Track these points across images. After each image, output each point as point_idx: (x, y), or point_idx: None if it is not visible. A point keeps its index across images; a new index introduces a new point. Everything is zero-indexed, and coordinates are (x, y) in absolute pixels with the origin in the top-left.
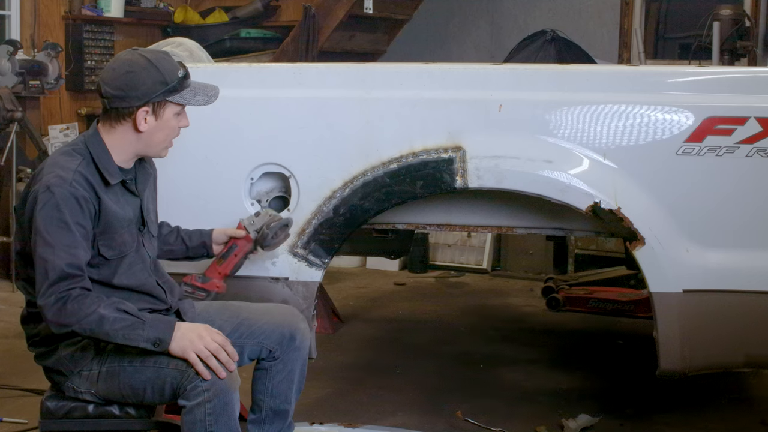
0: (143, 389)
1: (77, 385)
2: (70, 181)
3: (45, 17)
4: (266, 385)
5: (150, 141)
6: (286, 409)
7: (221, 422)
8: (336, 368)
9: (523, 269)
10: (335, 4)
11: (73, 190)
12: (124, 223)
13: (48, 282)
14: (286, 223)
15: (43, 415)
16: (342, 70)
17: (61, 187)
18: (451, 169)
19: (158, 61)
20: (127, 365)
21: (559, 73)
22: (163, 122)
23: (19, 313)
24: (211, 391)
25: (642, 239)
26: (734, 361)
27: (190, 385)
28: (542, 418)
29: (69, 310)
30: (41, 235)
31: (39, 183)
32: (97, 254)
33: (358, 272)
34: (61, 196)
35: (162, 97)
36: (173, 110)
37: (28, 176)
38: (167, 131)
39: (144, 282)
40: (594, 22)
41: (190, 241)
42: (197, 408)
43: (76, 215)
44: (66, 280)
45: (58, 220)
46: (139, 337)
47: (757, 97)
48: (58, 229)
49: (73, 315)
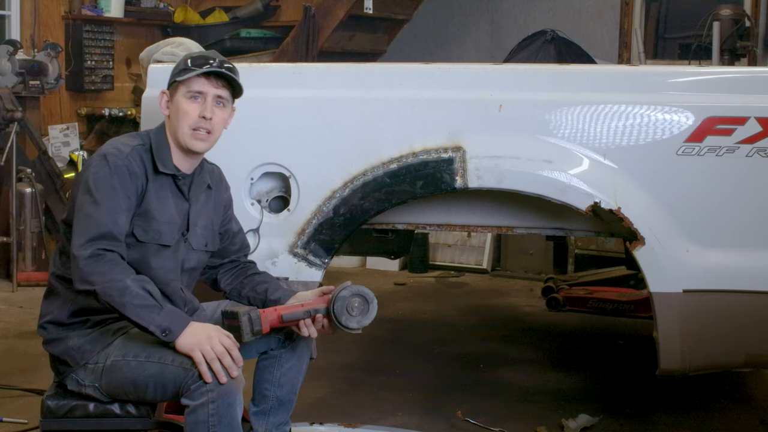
0: (145, 385)
1: (82, 378)
2: (126, 154)
3: (45, 17)
4: (274, 373)
5: (172, 126)
6: (290, 400)
7: (224, 423)
8: (336, 368)
9: (523, 269)
10: (335, 4)
11: (127, 163)
12: (164, 217)
13: (89, 236)
14: (362, 294)
15: (44, 414)
16: (342, 70)
17: (117, 157)
18: (451, 169)
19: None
20: (132, 360)
21: (559, 73)
22: (175, 104)
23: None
24: (216, 391)
25: (642, 239)
26: (734, 361)
27: (195, 384)
28: (542, 418)
29: (99, 270)
30: (90, 193)
31: (97, 152)
32: (131, 233)
33: (358, 272)
34: (115, 164)
35: (172, 79)
36: (182, 91)
37: (28, 176)
38: (178, 113)
39: (168, 283)
40: (594, 22)
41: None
42: (200, 408)
43: (126, 185)
44: (106, 239)
45: (109, 184)
46: (152, 321)
47: (757, 97)
48: (108, 191)
49: (101, 275)
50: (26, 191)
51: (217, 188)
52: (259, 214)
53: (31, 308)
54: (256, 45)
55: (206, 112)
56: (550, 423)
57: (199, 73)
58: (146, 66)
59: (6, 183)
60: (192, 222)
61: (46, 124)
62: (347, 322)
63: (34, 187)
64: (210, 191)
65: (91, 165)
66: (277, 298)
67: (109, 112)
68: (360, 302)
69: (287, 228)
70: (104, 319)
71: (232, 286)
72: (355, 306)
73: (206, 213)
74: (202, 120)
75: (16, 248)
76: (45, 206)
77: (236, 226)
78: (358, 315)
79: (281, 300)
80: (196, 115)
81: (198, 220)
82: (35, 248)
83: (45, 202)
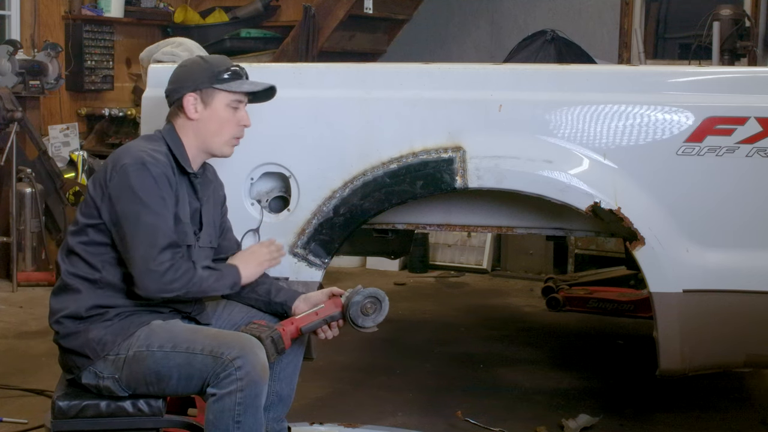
0: (169, 376)
1: (101, 369)
2: (163, 162)
3: (45, 17)
4: (274, 368)
5: (205, 131)
6: (289, 395)
7: (249, 413)
8: (336, 368)
9: (523, 269)
10: (335, 4)
11: (165, 170)
12: (186, 218)
13: (158, 247)
14: (374, 295)
15: (55, 415)
16: (342, 70)
17: (155, 165)
18: (451, 169)
19: (211, 59)
20: (157, 351)
21: (559, 73)
22: (213, 111)
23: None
24: (245, 380)
25: (642, 239)
26: (734, 361)
27: (224, 372)
28: (542, 418)
29: (178, 277)
30: (145, 204)
31: (127, 158)
32: None
33: (358, 272)
34: (157, 173)
35: (208, 84)
36: (223, 99)
37: (28, 176)
38: (219, 121)
39: None
40: (594, 22)
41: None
42: (228, 396)
43: (169, 193)
44: (175, 247)
45: (158, 194)
46: (223, 286)
47: (757, 97)
48: (159, 200)
49: (180, 280)
50: (26, 191)
51: (215, 185)
52: (259, 214)
53: (31, 308)
54: (256, 45)
55: (248, 122)
56: (550, 423)
57: (248, 91)
58: (146, 66)
59: (6, 183)
60: (204, 220)
61: (46, 124)
62: (364, 323)
63: (34, 187)
64: (211, 189)
65: (130, 173)
66: (283, 301)
67: (109, 112)
68: (372, 302)
69: (287, 228)
70: (123, 311)
71: None
72: (368, 307)
73: (210, 210)
74: (243, 129)
75: (16, 248)
76: (45, 206)
77: (229, 222)
78: (373, 314)
79: (287, 302)
80: (240, 125)
81: (206, 218)
82: (35, 248)
83: (45, 202)
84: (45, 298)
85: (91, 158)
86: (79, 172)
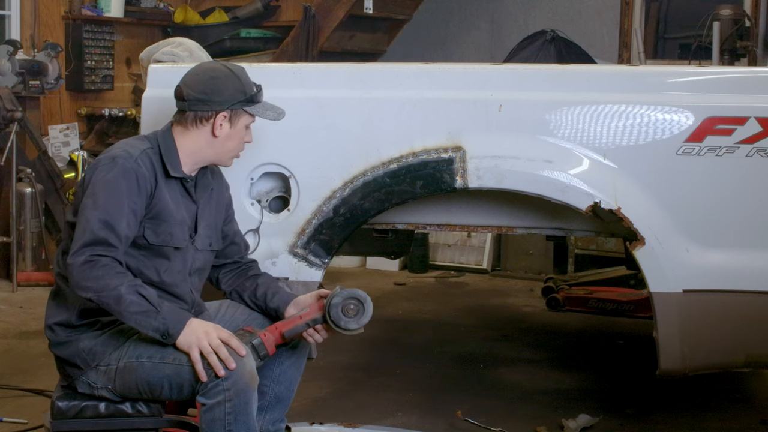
0: (161, 386)
1: (93, 380)
2: (135, 158)
3: (45, 17)
4: (274, 370)
5: (222, 148)
6: (288, 397)
7: (240, 421)
8: (336, 368)
9: (523, 269)
10: (335, 4)
11: (135, 167)
12: (176, 219)
13: (83, 241)
14: (354, 296)
15: (54, 416)
16: (342, 70)
17: (126, 160)
18: (451, 169)
19: (239, 72)
20: (146, 361)
21: (559, 73)
22: (236, 131)
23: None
24: (232, 390)
25: (642, 239)
26: (734, 361)
27: (211, 383)
28: (542, 418)
29: (93, 276)
30: (93, 197)
31: (105, 154)
32: (142, 236)
33: (358, 272)
34: (123, 168)
35: (240, 106)
36: (246, 121)
37: (28, 176)
38: (237, 141)
39: (178, 284)
40: (594, 22)
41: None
42: (217, 407)
43: (132, 190)
44: (101, 245)
45: (113, 188)
46: (150, 326)
47: (757, 97)
48: (111, 196)
49: (95, 281)
50: (26, 191)
51: (218, 188)
52: (259, 214)
53: (31, 308)
54: (256, 45)
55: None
56: (550, 423)
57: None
58: (146, 66)
59: (6, 183)
60: (199, 222)
61: (46, 124)
62: (347, 325)
63: (34, 187)
64: (212, 191)
65: (99, 167)
66: (276, 307)
67: (109, 112)
68: (354, 304)
69: (287, 228)
70: (114, 321)
71: (233, 287)
72: (350, 309)
73: (210, 213)
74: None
75: (16, 248)
76: (45, 206)
77: (237, 225)
78: (356, 316)
79: (279, 308)
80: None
81: (203, 220)
82: (35, 248)
83: (45, 202)
84: (45, 298)
85: (91, 158)
86: (79, 172)
